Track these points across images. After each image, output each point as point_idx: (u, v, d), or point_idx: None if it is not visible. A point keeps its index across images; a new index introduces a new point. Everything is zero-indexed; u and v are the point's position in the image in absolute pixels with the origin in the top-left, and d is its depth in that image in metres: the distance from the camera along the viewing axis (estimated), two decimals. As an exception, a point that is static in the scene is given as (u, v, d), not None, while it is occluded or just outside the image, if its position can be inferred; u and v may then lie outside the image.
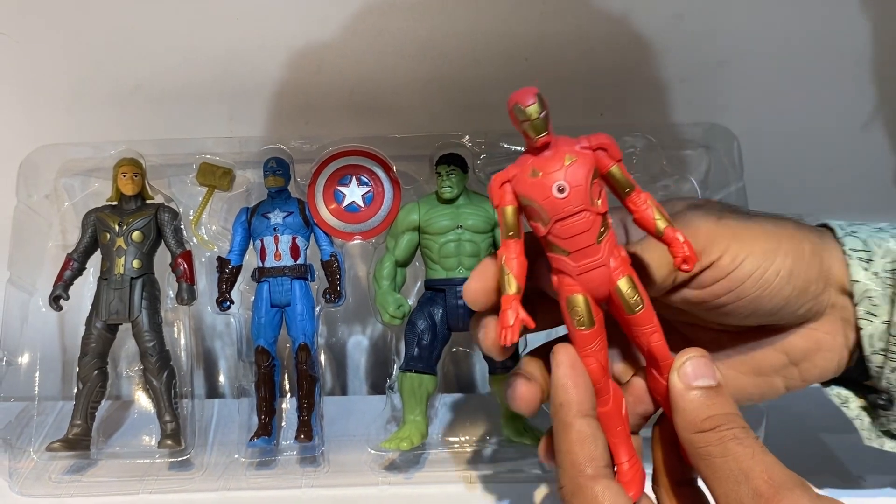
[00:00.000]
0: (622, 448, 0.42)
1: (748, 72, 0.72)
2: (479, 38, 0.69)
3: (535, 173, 0.41)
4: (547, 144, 0.41)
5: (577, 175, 0.41)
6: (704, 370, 0.41)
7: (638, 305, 0.42)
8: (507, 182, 0.42)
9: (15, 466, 0.60)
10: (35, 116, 0.71)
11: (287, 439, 0.62)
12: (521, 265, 0.42)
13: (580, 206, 0.41)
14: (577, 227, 0.41)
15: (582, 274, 0.42)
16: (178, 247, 0.63)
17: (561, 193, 0.40)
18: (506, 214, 0.42)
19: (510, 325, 0.41)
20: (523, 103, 0.40)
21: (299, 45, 0.69)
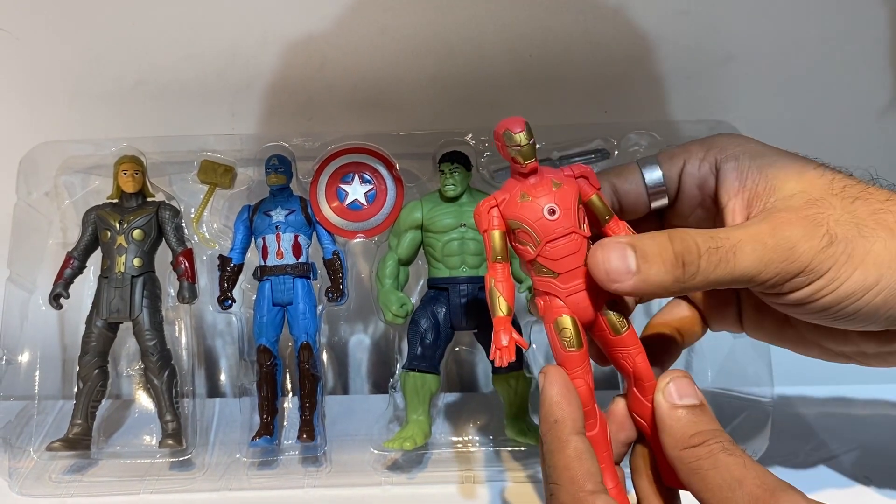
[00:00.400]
0: (608, 473, 0.42)
1: (754, 68, 0.72)
2: (484, 35, 0.69)
3: (525, 197, 0.43)
4: (534, 170, 0.43)
5: (566, 199, 0.43)
6: (687, 390, 0.42)
7: (624, 326, 0.43)
8: (495, 207, 0.44)
9: (15, 466, 0.60)
10: (35, 113, 0.71)
11: (289, 439, 0.62)
12: (510, 288, 0.44)
13: (570, 228, 0.43)
14: (566, 249, 0.43)
15: (571, 295, 0.43)
16: (179, 245, 0.62)
17: (552, 215, 0.42)
18: (493, 239, 0.44)
19: (504, 345, 0.43)
20: (513, 129, 0.42)
21: (302, 40, 0.68)
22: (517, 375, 0.61)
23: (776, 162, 0.45)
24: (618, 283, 0.41)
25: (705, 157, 0.47)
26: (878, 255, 0.41)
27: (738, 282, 0.42)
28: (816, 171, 0.45)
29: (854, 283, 0.41)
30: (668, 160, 0.49)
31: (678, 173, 0.48)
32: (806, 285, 0.42)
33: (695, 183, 0.48)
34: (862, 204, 0.43)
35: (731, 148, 0.47)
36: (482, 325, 0.61)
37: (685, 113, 0.72)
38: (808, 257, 0.41)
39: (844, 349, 0.49)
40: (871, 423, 0.67)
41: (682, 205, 0.49)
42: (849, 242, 0.41)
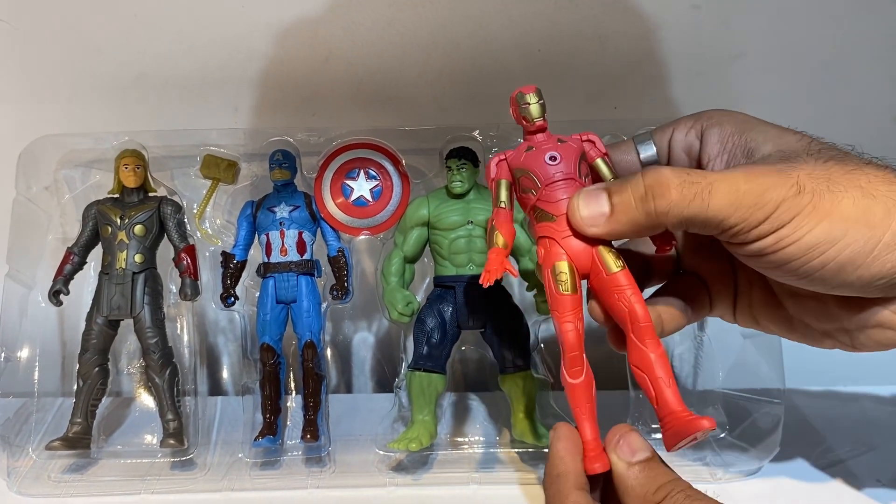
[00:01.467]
0: (587, 423, 0.44)
1: (765, 65, 0.71)
2: (492, 29, 0.68)
3: (530, 149, 0.47)
4: (543, 128, 0.48)
5: (568, 151, 0.47)
6: (638, 444, 0.43)
7: (618, 265, 0.45)
8: (503, 160, 0.49)
9: (13, 465, 0.60)
10: (35, 106, 0.70)
11: (292, 439, 0.61)
12: (510, 229, 0.48)
13: (568, 173, 0.46)
14: (564, 192, 0.46)
15: (566, 237, 0.46)
16: (181, 241, 0.62)
17: (553, 161, 0.46)
18: (500, 186, 0.48)
19: (494, 268, 0.47)
20: (525, 91, 0.48)
21: (307, 34, 0.68)
22: (525, 375, 0.60)
23: (757, 126, 0.48)
24: (595, 228, 0.44)
25: (693, 126, 0.50)
26: (846, 210, 0.42)
27: (709, 223, 0.43)
28: (796, 135, 0.47)
29: (818, 234, 0.42)
30: (660, 133, 0.51)
31: (668, 141, 0.51)
32: (770, 233, 0.42)
33: (682, 148, 0.50)
34: (836, 164, 0.44)
35: (717, 117, 0.49)
36: (489, 324, 0.61)
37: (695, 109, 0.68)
38: (774, 204, 0.42)
39: (826, 325, 0.49)
40: (882, 426, 0.67)
41: None
42: (817, 194, 0.42)
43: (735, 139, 0.47)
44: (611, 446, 0.43)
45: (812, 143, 0.45)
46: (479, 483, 0.59)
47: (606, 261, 0.45)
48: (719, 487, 0.58)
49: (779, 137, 0.46)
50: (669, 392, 0.44)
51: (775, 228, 0.42)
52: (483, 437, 0.63)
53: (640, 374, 0.44)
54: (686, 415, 0.43)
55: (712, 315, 0.54)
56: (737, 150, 0.47)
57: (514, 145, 0.49)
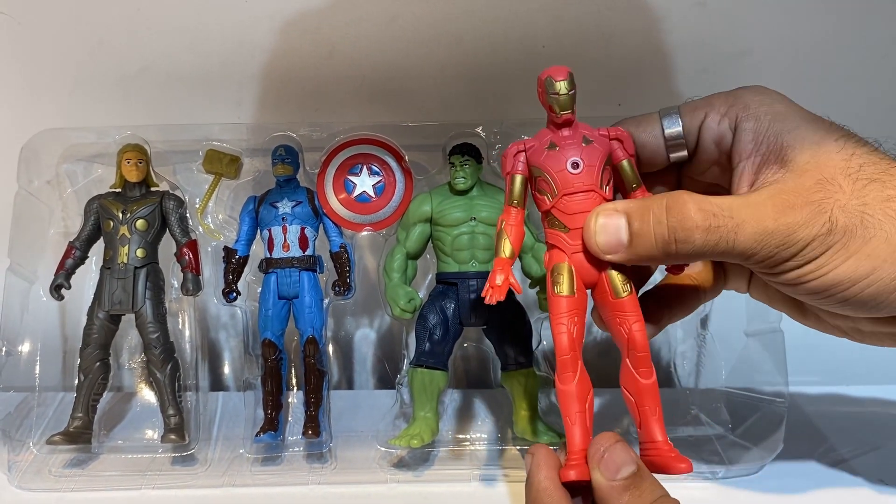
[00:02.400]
0: (577, 430, 0.43)
1: (770, 62, 0.71)
2: (496, 25, 0.68)
3: (553, 146, 0.44)
4: (569, 122, 0.44)
5: (593, 156, 0.44)
6: (622, 456, 0.41)
7: (626, 291, 0.44)
8: (522, 151, 0.45)
9: (14, 459, 0.60)
10: (37, 100, 0.70)
11: (294, 435, 0.61)
12: (519, 234, 0.46)
13: (590, 185, 0.43)
14: (582, 205, 0.43)
15: (576, 253, 0.44)
16: (183, 236, 0.62)
17: (574, 169, 0.43)
18: (514, 182, 0.45)
19: (498, 284, 0.45)
20: (555, 77, 0.44)
21: (310, 28, 0.68)
22: (526, 373, 0.60)
23: (796, 129, 0.44)
24: (611, 256, 0.43)
25: (727, 113, 0.46)
26: (876, 247, 0.41)
27: (733, 258, 0.42)
28: (837, 143, 0.43)
29: (843, 272, 0.41)
30: (690, 112, 0.48)
31: (698, 126, 0.47)
32: (796, 268, 0.41)
33: (713, 138, 0.47)
34: (875, 188, 0.41)
35: (754, 107, 0.45)
36: (491, 321, 0.61)
37: (700, 107, 0.70)
38: (804, 243, 0.41)
39: (840, 324, 0.49)
40: (886, 426, 0.66)
41: (699, 160, 0.48)
42: (848, 232, 0.41)
43: (770, 140, 0.44)
44: (593, 462, 0.41)
45: (853, 158, 0.42)
46: (480, 480, 0.59)
47: (615, 284, 0.44)
48: (721, 486, 0.58)
49: (817, 147, 0.43)
50: (654, 421, 0.43)
51: (801, 264, 0.41)
52: (485, 434, 0.63)
53: (629, 398, 0.44)
54: (667, 449, 0.43)
55: (727, 288, 0.53)
56: (770, 154, 0.44)
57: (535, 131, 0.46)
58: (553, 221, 0.44)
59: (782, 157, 0.43)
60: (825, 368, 0.71)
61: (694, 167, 0.49)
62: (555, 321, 0.44)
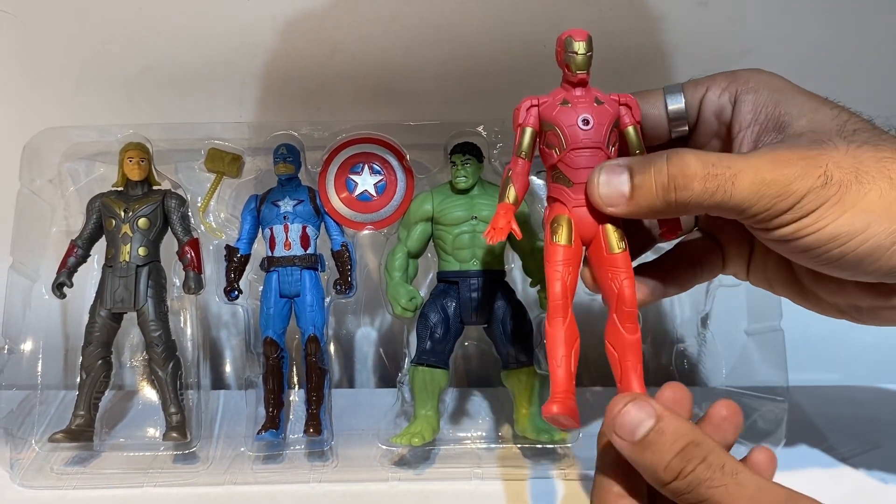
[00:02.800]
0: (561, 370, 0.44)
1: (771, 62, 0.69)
2: (497, 24, 0.68)
3: (566, 103, 0.46)
4: (584, 83, 0.46)
5: (603, 115, 0.46)
6: (636, 416, 0.39)
7: (620, 247, 0.45)
8: (535, 106, 0.47)
9: (16, 457, 0.60)
10: (39, 98, 0.70)
11: (295, 433, 0.61)
12: (524, 184, 0.47)
13: (597, 142, 0.45)
14: (587, 161, 0.45)
15: (577, 207, 0.46)
16: (185, 234, 0.62)
17: (585, 125, 0.45)
18: (525, 134, 0.47)
19: (500, 227, 0.46)
20: (575, 37, 0.45)
21: (312, 28, 0.68)
22: (528, 371, 0.61)
23: (793, 98, 0.46)
24: (612, 208, 0.44)
25: (727, 88, 0.48)
26: (871, 202, 0.41)
27: (730, 211, 0.42)
28: (832, 111, 0.45)
29: (839, 226, 0.41)
30: (692, 87, 0.50)
31: (699, 100, 0.49)
32: (791, 222, 0.42)
33: (713, 110, 0.49)
34: (869, 150, 0.43)
35: (753, 81, 0.48)
36: (492, 319, 0.61)
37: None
38: (799, 195, 0.41)
39: (839, 301, 0.49)
40: (887, 424, 0.66)
41: (699, 132, 0.50)
42: (843, 185, 0.41)
43: (769, 110, 0.46)
44: (609, 426, 0.40)
45: (847, 123, 0.44)
46: (481, 478, 0.59)
47: (610, 240, 0.45)
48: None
49: (814, 112, 0.45)
50: (634, 375, 0.44)
51: (797, 218, 0.42)
52: (485, 432, 0.63)
53: (612, 352, 0.45)
54: None
55: (725, 273, 0.54)
56: (769, 122, 0.46)
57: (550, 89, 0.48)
58: (558, 176, 0.46)
59: (780, 124, 0.45)
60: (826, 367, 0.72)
61: (695, 140, 0.51)
62: (550, 268, 0.45)
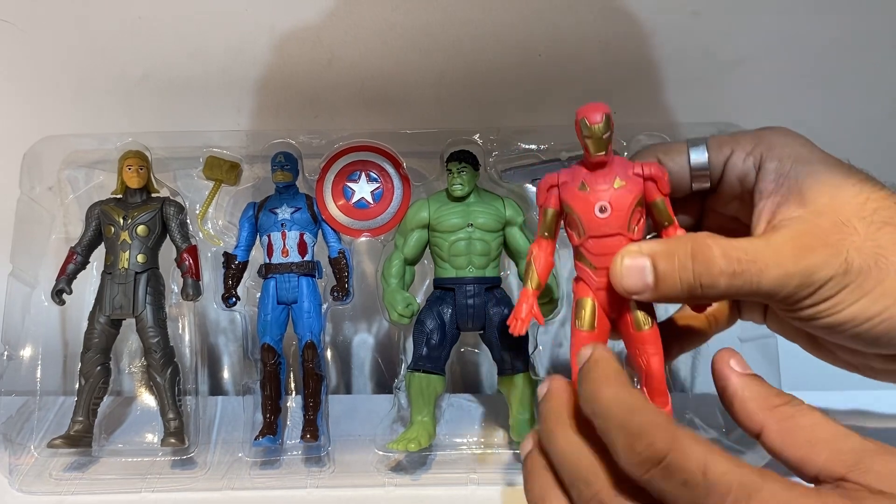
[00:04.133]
0: None
1: (764, 71, 0.71)
2: (493, 33, 0.68)
3: (584, 187, 0.44)
4: (602, 164, 0.44)
5: (622, 200, 0.44)
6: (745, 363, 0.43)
7: (647, 324, 0.45)
8: (554, 186, 0.46)
9: (15, 463, 0.60)
10: (39, 106, 0.71)
11: (292, 438, 0.62)
12: (548, 265, 0.47)
13: (617, 229, 0.44)
14: (608, 248, 0.44)
15: (600, 290, 0.45)
16: (183, 241, 0.62)
17: (602, 213, 0.43)
18: (546, 215, 0.46)
19: (522, 317, 0.46)
20: (590, 119, 0.43)
21: (310, 37, 0.68)
22: (523, 377, 0.61)
23: (816, 173, 0.46)
24: (636, 295, 0.43)
25: (752, 151, 0.48)
26: (890, 287, 0.42)
27: (754, 297, 0.43)
28: (854, 188, 0.45)
29: (856, 310, 0.42)
30: (717, 146, 0.49)
31: (724, 161, 0.49)
32: (812, 306, 0.43)
33: (736, 174, 0.48)
34: (889, 231, 0.43)
35: (777, 148, 0.47)
36: (488, 325, 0.61)
37: (695, 115, 0.71)
38: (820, 283, 0.42)
39: (852, 359, 0.50)
40: (879, 431, 0.67)
41: (722, 193, 0.50)
42: (863, 272, 0.42)
43: (791, 183, 0.46)
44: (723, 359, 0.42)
45: (868, 201, 0.44)
46: (477, 484, 0.59)
47: (637, 318, 0.45)
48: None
49: (836, 189, 0.44)
50: None
51: (818, 303, 0.43)
52: (481, 438, 0.64)
53: None
54: None
55: (743, 319, 0.55)
56: (791, 194, 0.45)
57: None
58: (581, 256, 0.45)
59: (802, 197, 0.45)
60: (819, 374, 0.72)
61: (717, 199, 0.51)
62: (572, 352, 0.45)
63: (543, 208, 0.46)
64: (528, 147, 0.63)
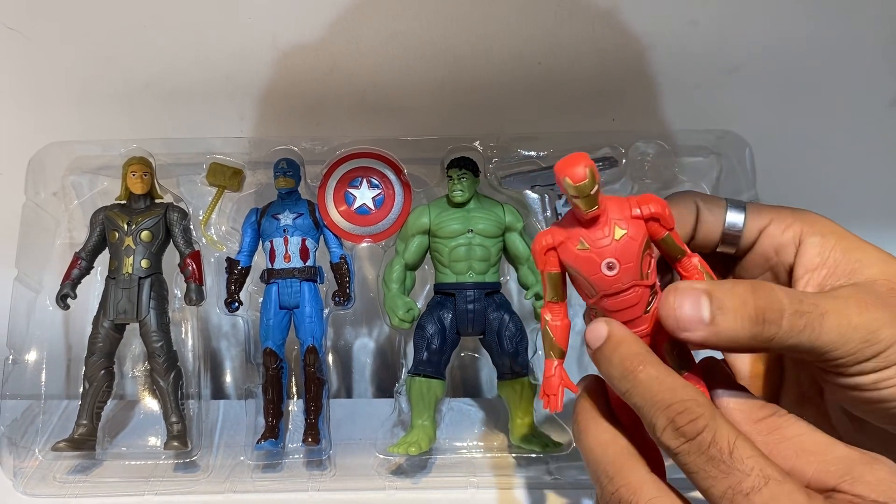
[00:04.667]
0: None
1: (761, 78, 0.72)
2: (492, 42, 0.69)
3: (583, 245, 0.39)
4: (596, 219, 0.39)
5: (629, 251, 0.39)
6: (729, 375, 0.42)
7: (683, 368, 0.41)
8: (552, 249, 0.40)
9: (20, 466, 0.60)
10: (44, 113, 0.71)
11: (294, 442, 0.62)
12: (565, 328, 0.42)
13: (630, 282, 0.39)
14: (625, 302, 0.40)
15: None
16: (186, 247, 0.63)
17: (610, 271, 0.39)
18: (551, 279, 0.41)
19: (554, 392, 0.42)
20: (573, 178, 0.37)
21: (312, 45, 0.69)
22: (523, 382, 0.61)
23: (861, 247, 0.44)
24: (688, 333, 0.39)
25: (791, 225, 0.46)
26: None
27: (812, 352, 0.40)
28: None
29: None
30: (756, 212, 0.47)
31: (760, 229, 0.47)
32: (874, 371, 0.40)
33: (773, 245, 0.46)
34: None
35: (819, 225, 0.45)
36: (488, 330, 0.61)
37: (692, 122, 0.72)
38: (886, 343, 0.39)
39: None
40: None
41: (751, 262, 0.48)
42: None
43: (837, 255, 0.43)
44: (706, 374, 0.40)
45: None
46: (477, 487, 0.60)
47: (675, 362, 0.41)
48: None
49: (885, 263, 0.42)
50: None
51: (880, 367, 0.40)
52: (481, 442, 0.64)
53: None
54: None
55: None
56: (839, 266, 0.43)
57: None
58: (598, 313, 0.41)
59: (851, 269, 0.43)
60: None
61: (743, 267, 0.48)
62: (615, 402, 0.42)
63: (546, 273, 0.41)
64: (528, 154, 0.64)
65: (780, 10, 0.70)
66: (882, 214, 0.74)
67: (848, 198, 0.74)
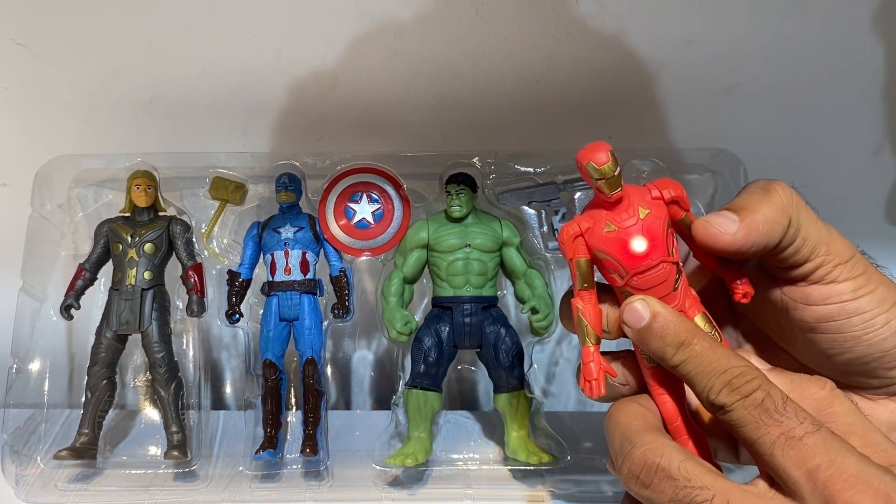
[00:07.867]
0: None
1: (757, 97, 0.72)
2: (491, 60, 0.70)
3: (610, 227, 0.41)
4: (621, 199, 0.41)
5: (655, 227, 0.41)
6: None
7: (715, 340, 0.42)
8: (579, 236, 0.42)
9: (22, 473, 0.61)
10: (51, 127, 0.72)
11: (292, 453, 0.62)
12: (597, 314, 0.43)
13: (658, 258, 0.41)
14: (655, 279, 0.41)
15: None
16: (189, 259, 0.63)
17: (640, 248, 0.41)
18: (580, 267, 0.43)
19: (594, 378, 0.42)
20: (597, 162, 0.40)
21: (315, 62, 0.69)
22: (519, 394, 0.62)
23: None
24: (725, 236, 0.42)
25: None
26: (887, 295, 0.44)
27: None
28: None
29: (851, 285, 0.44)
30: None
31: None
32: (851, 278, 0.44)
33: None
34: None
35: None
36: (484, 343, 0.62)
37: (688, 140, 0.72)
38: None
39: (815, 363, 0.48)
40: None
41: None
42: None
43: None
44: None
45: None
46: (472, 499, 0.60)
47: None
48: None
49: None
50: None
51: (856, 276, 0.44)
52: (477, 454, 0.64)
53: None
54: None
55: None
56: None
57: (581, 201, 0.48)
58: (627, 294, 0.43)
59: None
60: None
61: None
62: (655, 393, 0.43)
63: (574, 261, 0.42)
64: (525, 170, 0.65)
65: (775, 30, 0.70)
66: (878, 234, 0.74)
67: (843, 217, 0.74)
